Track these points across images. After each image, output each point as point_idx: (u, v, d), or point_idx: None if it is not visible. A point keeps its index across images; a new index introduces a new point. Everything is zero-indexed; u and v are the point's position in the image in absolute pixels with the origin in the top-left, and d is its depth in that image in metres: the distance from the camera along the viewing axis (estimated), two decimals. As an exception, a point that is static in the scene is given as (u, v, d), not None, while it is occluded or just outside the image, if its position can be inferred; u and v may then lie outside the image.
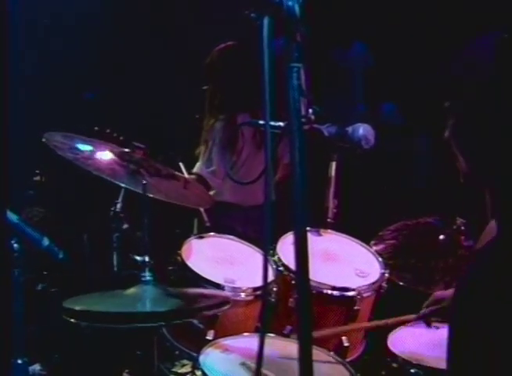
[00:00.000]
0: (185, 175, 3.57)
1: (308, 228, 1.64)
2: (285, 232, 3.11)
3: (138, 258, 2.69)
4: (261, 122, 1.89)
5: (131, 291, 2.52)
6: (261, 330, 2.22)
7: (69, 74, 5.16)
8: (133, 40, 5.28)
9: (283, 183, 3.87)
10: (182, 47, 5.11)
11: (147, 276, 2.60)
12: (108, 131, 3.24)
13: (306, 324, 1.52)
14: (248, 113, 3.95)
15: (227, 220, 3.97)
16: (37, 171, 4.89)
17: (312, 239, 1.51)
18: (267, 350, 1.55)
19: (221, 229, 3.52)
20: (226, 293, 2.89)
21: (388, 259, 3.13)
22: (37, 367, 4.56)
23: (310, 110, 1.82)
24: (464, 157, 1.72)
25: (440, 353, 2.72)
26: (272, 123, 1.73)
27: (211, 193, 3.88)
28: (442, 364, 2.59)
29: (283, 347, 2.64)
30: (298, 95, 1.52)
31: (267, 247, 1.71)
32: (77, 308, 2.32)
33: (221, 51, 4.10)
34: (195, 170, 3.96)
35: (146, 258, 2.66)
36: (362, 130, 1.91)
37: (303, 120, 1.67)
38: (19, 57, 4.60)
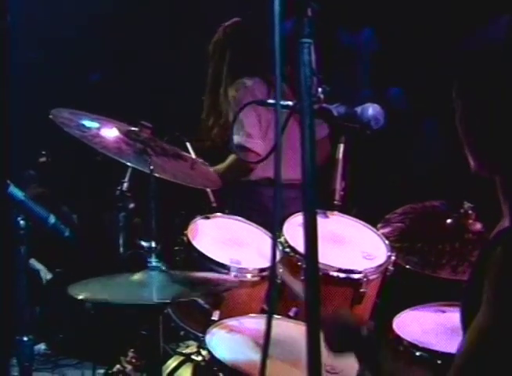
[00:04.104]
0: (193, 155, 3.55)
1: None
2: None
3: (144, 243, 2.68)
4: (271, 101, 1.86)
5: (137, 277, 2.51)
6: (268, 312, 2.22)
7: (74, 55, 5.15)
8: (139, 20, 5.26)
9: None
10: (189, 27, 5.08)
11: (153, 262, 2.59)
12: None
13: (314, 307, 1.51)
14: (259, 76, 3.96)
15: (260, 200, 3.86)
16: (44, 152, 4.89)
17: (319, 221, 1.51)
18: (273, 331, 1.54)
19: (255, 211, 3.49)
20: (232, 276, 2.89)
21: (395, 242, 3.11)
22: (42, 347, 4.59)
23: (319, 90, 1.81)
24: (472, 145, 1.69)
25: (446, 337, 2.74)
26: (281, 102, 1.71)
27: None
28: (448, 348, 2.61)
29: (288, 328, 2.64)
30: (309, 71, 1.50)
31: (275, 227, 1.70)
32: (82, 296, 2.32)
33: (229, 26, 4.11)
34: (234, 142, 3.80)
35: (153, 244, 2.64)
36: (372, 110, 1.89)
37: (313, 99, 1.65)
38: (24, 39, 4.59)
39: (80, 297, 2.30)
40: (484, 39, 1.64)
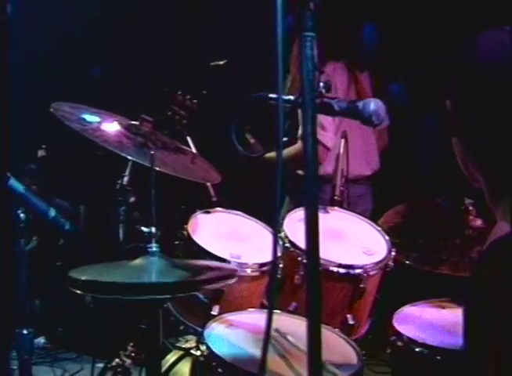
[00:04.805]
0: (193, 149, 3.54)
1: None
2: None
3: (144, 229, 2.66)
4: (272, 95, 1.86)
5: (138, 262, 2.51)
6: (269, 307, 2.21)
7: (76, 50, 5.14)
8: (141, 14, 5.25)
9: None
10: (190, 22, 5.07)
11: (154, 247, 2.58)
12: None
13: (315, 302, 1.51)
14: (342, 62, 3.85)
15: (326, 197, 3.62)
16: (43, 146, 4.88)
17: (319, 216, 1.52)
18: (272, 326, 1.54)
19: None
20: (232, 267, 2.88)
21: (395, 238, 3.11)
22: (41, 340, 4.60)
23: (321, 84, 1.80)
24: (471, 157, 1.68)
25: (446, 333, 2.74)
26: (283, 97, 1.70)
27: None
28: (448, 344, 2.61)
29: (288, 323, 2.64)
30: (312, 65, 1.49)
31: (277, 222, 1.70)
32: (83, 278, 2.30)
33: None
34: (300, 134, 3.49)
35: (153, 230, 2.63)
36: (373, 105, 1.87)
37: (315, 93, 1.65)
38: (25, 33, 4.59)
39: (82, 278, 2.28)
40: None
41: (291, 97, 1.89)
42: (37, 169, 4.57)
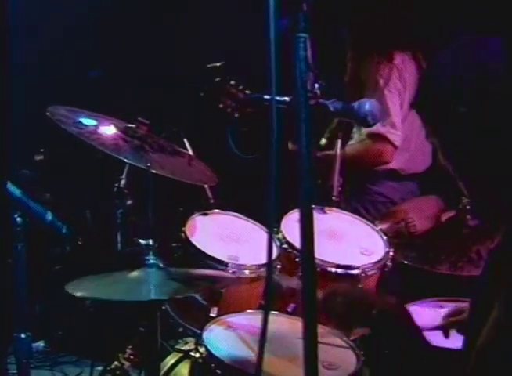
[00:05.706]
0: (190, 151, 3.54)
1: (312, 205, 1.62)
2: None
3: (142, 241, 2.67)
4: (267, 97, 1.85)
5: (135, 274, 2.51)
6: (265, 308, 2.21)
7: (73, 52, 5.14)
8: (138, 15, 5.24)
9: None
10: (188, 23, 5.07)
11: (151, 259, 2.58)
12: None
13: (311, 303, 1.51)
14: (407, 52, 3.69)
15: (386, 192, 3.71)
16: (42, 150, 4.88)
17: (317, 217, 1.52)
18: (270, 328, 1.54)
19: (379, 203, 3.46)
20: (230, 272, 2.88)
21: (393, 238, 3.11)
22: (41, 344, 4.60)
23: (316, 85, 1.80)
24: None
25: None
26: (277, 98, 1.70)
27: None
28: (446, 343, 2.60)
29: (286, 325, 2.64)
30: (305, 66, 1.49)
31: (272, 223, 1.70)
32: (79, 294, 2.32)
33: None
34: (367, 131, 3.54)
35: (150, 242, 2.64)
36: (369, 105, 1.87)
37: (309, 94, 1.65)
38: (24, 34, 4.59)
39: (77, 294, 2.29)
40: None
41: (286, 98, 1.89)
42: (30, 174, 4.56)
